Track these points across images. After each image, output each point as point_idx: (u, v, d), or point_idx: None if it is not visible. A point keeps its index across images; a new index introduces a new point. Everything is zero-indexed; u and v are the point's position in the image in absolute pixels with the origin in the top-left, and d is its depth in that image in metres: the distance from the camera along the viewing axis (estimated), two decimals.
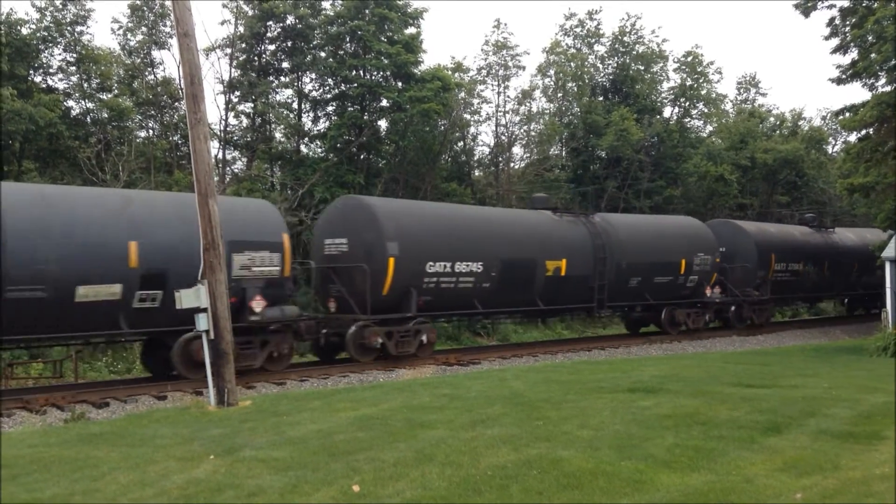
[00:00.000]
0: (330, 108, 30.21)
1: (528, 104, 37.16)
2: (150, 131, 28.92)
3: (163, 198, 15.87)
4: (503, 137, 36.46)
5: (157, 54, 28.45)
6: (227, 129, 29.03)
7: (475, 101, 35.80)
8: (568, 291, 21.38)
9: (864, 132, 23.04)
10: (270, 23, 28.29)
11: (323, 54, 29.31)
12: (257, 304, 14.98)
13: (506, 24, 54.57)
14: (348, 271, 17.44)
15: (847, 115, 22.96)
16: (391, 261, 17.11)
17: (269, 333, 15.68)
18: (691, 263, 24.10)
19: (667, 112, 41.13)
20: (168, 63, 64.06)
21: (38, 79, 25.94)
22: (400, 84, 29.03)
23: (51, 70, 26.33)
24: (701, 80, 40.63)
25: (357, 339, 17.03)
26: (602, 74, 39.82)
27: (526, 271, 20.07)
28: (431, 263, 17.86)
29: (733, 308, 26.21)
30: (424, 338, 18.09)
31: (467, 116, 35.53)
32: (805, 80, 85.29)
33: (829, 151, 47.92)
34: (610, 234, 22.30)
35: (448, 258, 18.19)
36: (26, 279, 12.45)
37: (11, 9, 29.94)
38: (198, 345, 12.97)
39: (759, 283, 26.81)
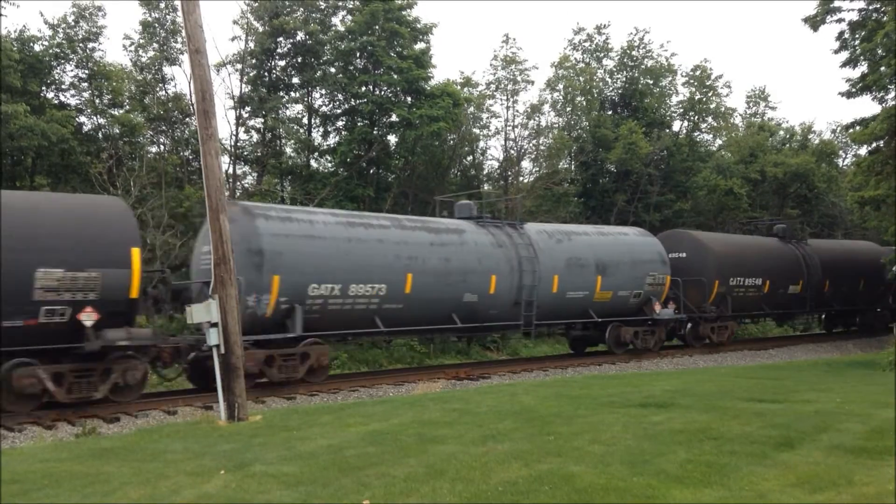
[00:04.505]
0: (340, 124, 30.39)
1: (536, 118, 37.25)
2: (161, 147, 29.12)
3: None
4: (512, 152, 36.54)
5: (168, 70, 28.64)
6: (238, 144, 29.21)
7: (484, 115, 35.96)
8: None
9: (874, 145, 22.97)
10: (281, 39, 28.48)
11: (333, 70, 29.49)
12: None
13: (514, 39, 54.58)
14: None
15: (857, 128, 22.91)
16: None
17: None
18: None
19: (676, 126, 41.22)
20: (179, 79, 64.74)
21: (50, 95, 26.20)
22: (410, 99, 29.15)
23: (63, 86, 26.62)
24: (710, 94, 40.66)
25: None
26: (611, 88, 39.95)
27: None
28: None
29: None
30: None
31: (476, 131, 35.65)
32: (815, 94, 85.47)
33: (840, 165, 47.78)
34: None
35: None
36: None
37: (25, 25, 30.24)
38: None
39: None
